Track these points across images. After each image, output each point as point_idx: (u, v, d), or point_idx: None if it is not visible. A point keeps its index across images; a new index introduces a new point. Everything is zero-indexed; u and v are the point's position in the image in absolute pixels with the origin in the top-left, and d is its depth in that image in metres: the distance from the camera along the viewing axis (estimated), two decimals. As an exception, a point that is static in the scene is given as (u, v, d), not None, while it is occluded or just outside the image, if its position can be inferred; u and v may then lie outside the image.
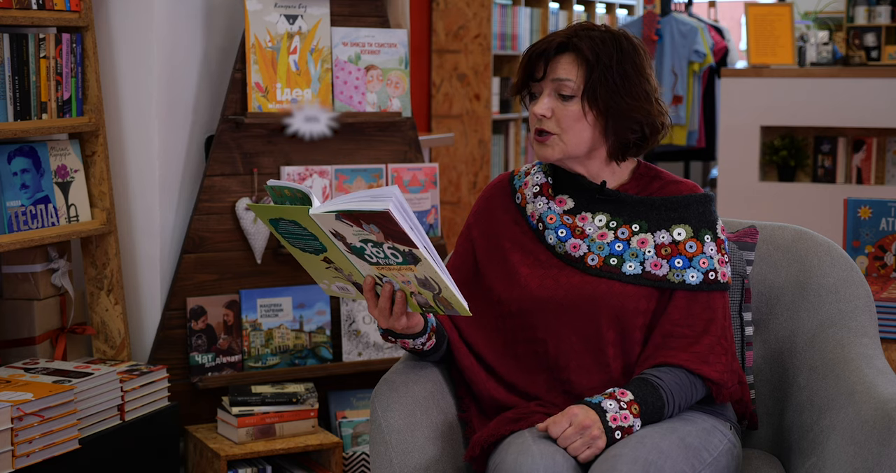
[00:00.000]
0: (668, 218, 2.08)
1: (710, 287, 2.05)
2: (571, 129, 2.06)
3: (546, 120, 2.07)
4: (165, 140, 3.10)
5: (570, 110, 2.05)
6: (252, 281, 3.19)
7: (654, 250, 2.06)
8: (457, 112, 6.09)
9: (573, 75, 2.04)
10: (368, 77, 3.28)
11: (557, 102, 2.06)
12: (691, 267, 2.05)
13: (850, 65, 7.93)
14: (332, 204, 1.80)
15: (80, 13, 2.86)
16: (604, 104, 2.04)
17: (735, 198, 5.68)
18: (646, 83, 2.07)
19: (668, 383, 1.98)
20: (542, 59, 2.06)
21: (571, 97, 2.05)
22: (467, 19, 6.01)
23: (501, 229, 2.17)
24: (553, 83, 2.06)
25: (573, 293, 2.05)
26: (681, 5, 7.32)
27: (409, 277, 1.87)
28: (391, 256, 1.83)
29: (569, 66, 2.05)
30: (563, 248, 2.09)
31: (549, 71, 2.06)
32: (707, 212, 2.09)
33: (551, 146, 2.08)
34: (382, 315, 1.96)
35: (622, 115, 2.05)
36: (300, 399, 3.01)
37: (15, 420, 2.42)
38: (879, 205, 2.85)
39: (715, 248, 2.08)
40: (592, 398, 1.95)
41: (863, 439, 1.92)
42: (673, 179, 2.14)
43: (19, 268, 2.90)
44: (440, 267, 1.81)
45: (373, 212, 1.74)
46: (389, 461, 2.05)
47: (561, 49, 2.06)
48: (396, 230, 1.75)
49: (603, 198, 2.11)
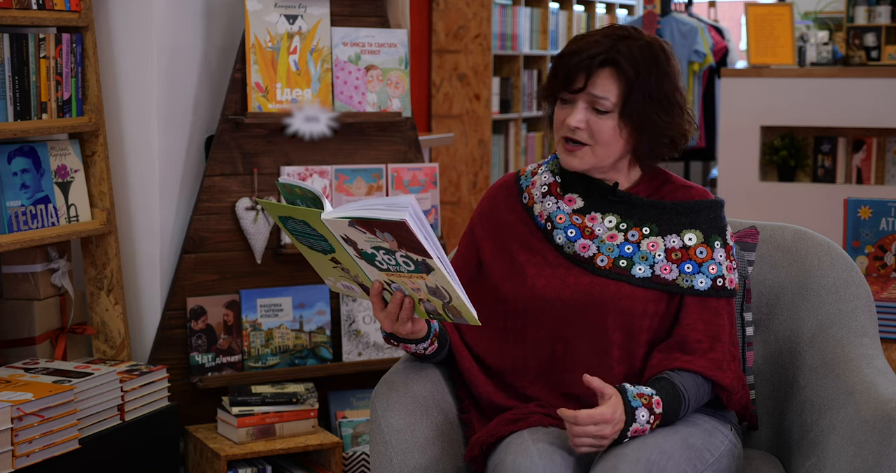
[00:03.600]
0: (679, 222, 2.08)
1: (718, 293, 2.05)
2: (605, 143, 2.04)
3: (579, 131, 2.04)
4: (165, 140, 3.10)
5: (606, 124, 2.03)
6: (252, 281, 3.19)
7: (665, 254, 2.06)
8: (457, 112, 6.09)
9: (611, 93, 2.01)
10: (368, 77, 3.28)
11: (592, 115, 2.03)
12: (700, 273, 2.05)
13: (850, 65, 7.94)
14: (346, 210, 1.79)
15: (80, 13, 2.86)
16: (639, 121, 2.02)
17: (735, 198, 5.68)
18: (678, 95, 2.06)
19: (689, 390, 1.99)
20: (583, 72, 2.02)
21: (607, 112, 2.03)
22: (467, 19, 6.01)
23: (508, 229, 2.16)
24: (590, 97, 2.03)
25: (581, 293, 2.05)
26: (681, 5, 7.32)
27: (419, 285, 1.86)
28: (403, 264, 1.82)
29: (608, 81, 2.02)
30: (571, 248, 2.09)
31: (589, 85, 2.02)
32: (717, 217, 2.10)
33: (581, 157, 2.06)
34: (388, 319, 1.96)
35: (657, 132, 2.04)
36: (300, 399, 3.01)
37: (15, 420, 2.42)
38: (879, 205, 2.85)
39: (724, 255, 2.08)
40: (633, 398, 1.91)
41: (863, 439, 1.92)
42: (684, 183, 2.14)
43: (19, 268, 2.90)
44: (453, 278, 1.81)
45: (389, 221, 1.74)
46: (389, 461, 2.05)
47: (602, 64, 2.02)
48: (412, 240, 1.75)
49: (614, 200, 2.10)
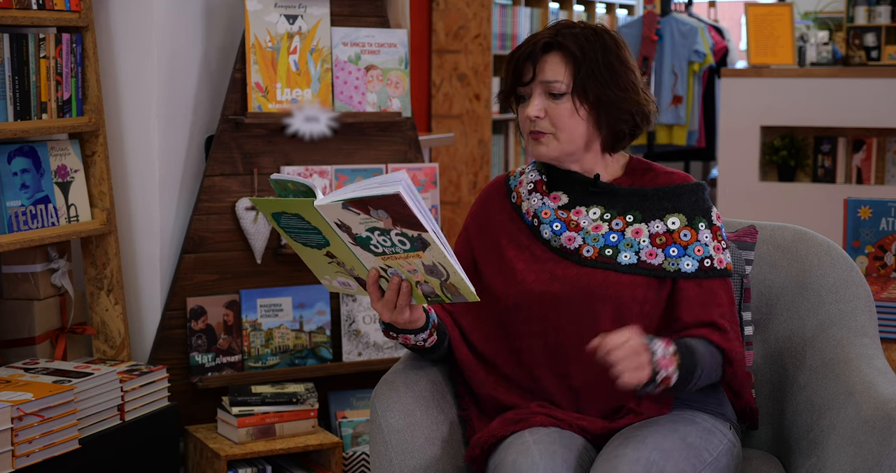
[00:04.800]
0: (662, 207, 2.09)
1: (706, 274, 2.06)
2: (566, 127, 2.07)
3: (539, 120, 2.08)
4: (165, 140, 3.10)
5: (563, 108, 2.06)
6: (252, 281, 3.19)
7: (649, 240, 2.07)
8: (457, 112, 6.09)
9: (561, 75, 2.06)
10: (368, 77, 3.28)
11: (549, 102, 2.07)
12: (686, 256, 2.06)
13: (850, 65, 7.93)
14: (339, 194, 1.79)
15: (80, 13, 2.86)
16: (594, 97, 2.05)
17: (735, 198, 5.68)
18: (631, 74, 2.09)
19: (701, 351, 1.98)
20: (529, 61, 2.07)
21: (562, 95, 2.06)
22: (467, 19, 6.01)
23: (498, 228, 2.18)
24: (542, 85, 2.07)
25: (569, 285, 2.06)
26: (681, 5, 7.32)
27: (416, 265, 1.86)
28: (398, 243, 1.82)
29: (556, 65, 2.06)
30: (558, 242, 2.10)
31: (538, 72, 2.07)
32: (700, 200, 2.10)
33: (546, 144, 2.09)
34: (387, 307, 1.96)
35: (613, 107, 2.07)
36: (300, 399, 3.01)
37: (15, 420, 2.42)
38: (879, 205, 2.85)
39: (710, 235, 2.09)
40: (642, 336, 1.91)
41: (863, 439, 1.92)
42: (665, 170, 2.16)
43: (19, 268, 2.90)
44: (448, 251, 1.81)
45: (382, 197, 1.73)
46: (389, 461, 2.05)
47: (546, 49, 2.07)
48: (406, 213, 1.75)
49: (596, 191, 2.12)
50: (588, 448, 1.99)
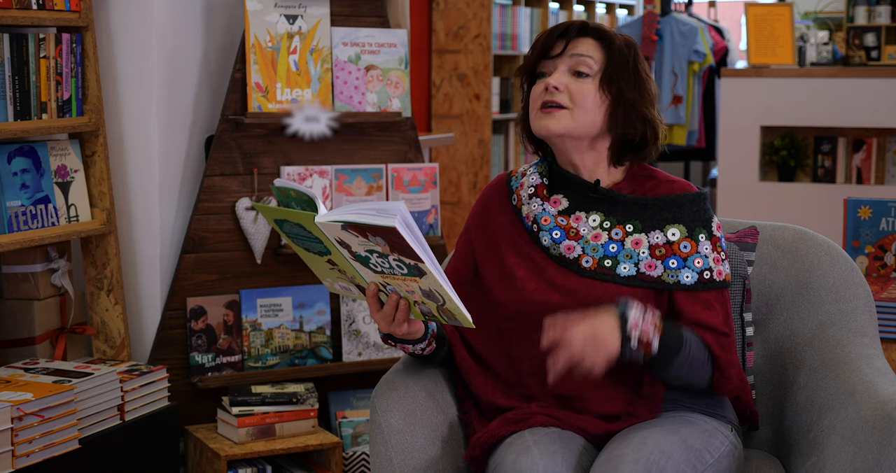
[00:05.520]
0: (662, 218, 2.07)
1: (705, 286, 2.05)
2: (583, 106, 2.05)
3: (558, 92, 2.06)
4: (165, 140, 3.10)
5: (587, 87, 2.06)
6: (252, 281, 3.19)
7: (649, 251, 2.05)
8: (457, 112, 6.09)
9: (594, 53, 2.07)
10: (368, 77, 3.28)
11: (572, 79, 2.06)
12: (686, 268, 2.04)
13: (850, 65, 7.93)
14: (338, 213, 1.80)
15: (80, 13, 2.86)
16: (617, 91, 2.06)
17: (735, 198, 5.68)
18: (652, 86, 2.11)
19: (690, 338, 1.97)
20: (563, 38, 2.08)
21: (587, 76, 2.06)
22: (467, 19, 6.01)
23: (498, 230, 2.17)
24: (572, 59, 2.06)
25: (568, 296, 2.05)
26: (681, 5, 7.32)
27: (413, 288, 1.87)
28: (396, 267, 1.83)
29: (590, 46, 2.08)
30: (557, 250, 2.09)
31: (570, 47, 2.07)
32: (701, 210, 2.08)
33: (559, 119, 2.06)
34: (385, 320, 1.97)
35: (631, 108, 2.06)
36: (300, 399, 3.01)
37: (15, 420, 2.42)
38: (879, 205, 2.85)
39: (710, 247, 2.07)
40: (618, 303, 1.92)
41: (863, 439, 1.92)
42: (667, 178, 2.13)
43: (19, 268, 2.90)
44: (445, 282, 1.82)
45: (380, 227, 1.75)
46: (389, 461, 2.05)
47: (582, 32, 2.09)
48: (402, 244, 1.77)
49: (597, 197, 2.10)
50: (588, 449, 1.99)
